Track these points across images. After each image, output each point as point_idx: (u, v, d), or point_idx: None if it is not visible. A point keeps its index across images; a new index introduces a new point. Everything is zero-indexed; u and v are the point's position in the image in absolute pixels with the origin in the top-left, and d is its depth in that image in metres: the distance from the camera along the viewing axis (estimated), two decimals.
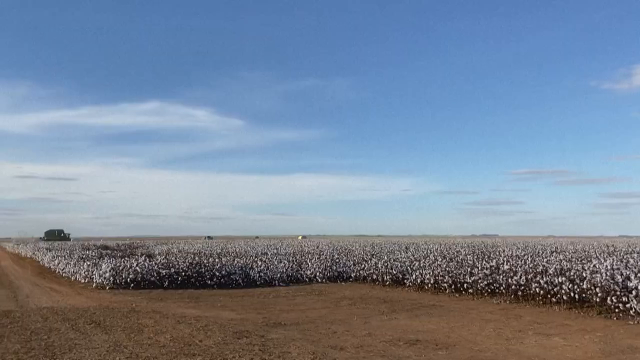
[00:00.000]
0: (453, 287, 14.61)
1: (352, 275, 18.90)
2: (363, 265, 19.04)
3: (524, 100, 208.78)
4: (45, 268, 26.05)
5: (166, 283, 16.44)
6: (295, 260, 21.28)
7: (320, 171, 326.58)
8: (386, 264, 17.90)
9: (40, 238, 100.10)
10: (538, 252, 20.35)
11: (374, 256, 21.74)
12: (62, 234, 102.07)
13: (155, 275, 16.64)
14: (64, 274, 20.97)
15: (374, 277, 17.69)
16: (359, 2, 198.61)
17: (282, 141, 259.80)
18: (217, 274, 17.16)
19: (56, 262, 24.08)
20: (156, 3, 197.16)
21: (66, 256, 25.12)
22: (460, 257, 18.90)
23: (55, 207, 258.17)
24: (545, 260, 15.07)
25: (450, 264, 16.06)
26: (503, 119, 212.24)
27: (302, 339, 8.28)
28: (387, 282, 16.95)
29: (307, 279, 18.64)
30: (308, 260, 20.89)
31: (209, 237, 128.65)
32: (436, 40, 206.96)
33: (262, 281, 17.64)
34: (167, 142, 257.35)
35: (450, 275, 14.87)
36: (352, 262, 20.34)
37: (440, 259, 17.69)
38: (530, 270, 13.20)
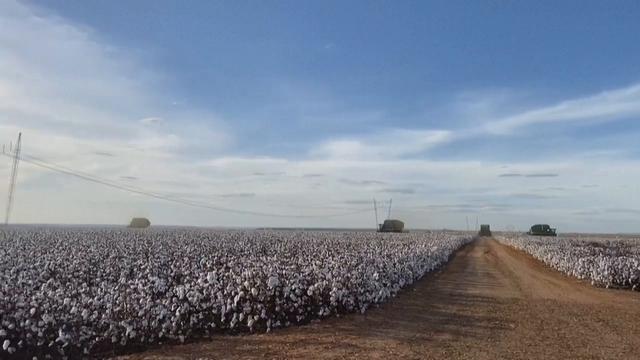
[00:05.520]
0: None
1: None
2: None
3: None
4: (537, 261, 27.39)
5: None
6: None
7: None
8: None
9: (527, 232, 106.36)
10: None
11: None
12: (548, 229, 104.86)
13: None
14: (557, 269, 21.50)
15: None
16: None
17: None
18: None
19: (548, 256, 24.95)
20: None
21: (557, 251, 25.65)
22: None
23: (537, 202, 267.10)
24: None
25: None
26: None
27: None
28: None
29: None
30: None
31: None
32: None
33: None
34: None
35: None
36: None
37: None
38: None
